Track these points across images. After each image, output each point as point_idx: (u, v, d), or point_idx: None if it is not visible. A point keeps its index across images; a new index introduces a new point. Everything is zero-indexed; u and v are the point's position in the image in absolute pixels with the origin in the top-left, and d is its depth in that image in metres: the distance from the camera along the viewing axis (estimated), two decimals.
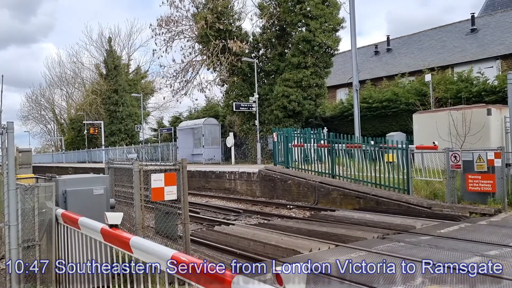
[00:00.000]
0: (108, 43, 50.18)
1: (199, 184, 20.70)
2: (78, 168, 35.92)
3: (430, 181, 12.50)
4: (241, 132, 26.43)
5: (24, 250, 4.64)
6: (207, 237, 9.16)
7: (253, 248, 7.91)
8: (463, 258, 6.38)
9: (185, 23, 27.06)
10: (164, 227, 5.90)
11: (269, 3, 25.49)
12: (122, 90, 48.20)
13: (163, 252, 2.72)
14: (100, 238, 3.70)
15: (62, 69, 60.03)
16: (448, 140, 14.28)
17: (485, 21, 28.48)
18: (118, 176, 6.44)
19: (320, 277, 5.72)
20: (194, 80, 28.95)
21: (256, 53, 26.72)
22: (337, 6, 23.62)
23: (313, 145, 16.09)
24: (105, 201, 5.35)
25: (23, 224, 4.61)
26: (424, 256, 6.52)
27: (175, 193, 5.56)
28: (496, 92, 18.95)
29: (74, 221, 4.25)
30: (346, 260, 6.58)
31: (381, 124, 23.20)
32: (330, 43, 23.19)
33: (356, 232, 8.82)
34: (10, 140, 4.33)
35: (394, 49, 33.18)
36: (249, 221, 11.75)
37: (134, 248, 3.11)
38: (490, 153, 10.56)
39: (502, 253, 6.59)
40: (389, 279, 5.56)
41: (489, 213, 9.98)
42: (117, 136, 47.58)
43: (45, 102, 65.67)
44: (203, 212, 13.68)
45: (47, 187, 4.85)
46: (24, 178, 7.22)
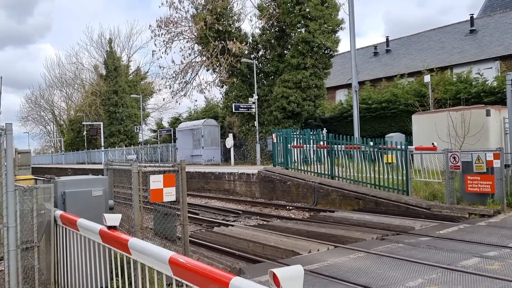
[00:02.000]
0: (108, 44, 50.22)
1: (198, 185, 20.70)
2: (77, 169, 35.90)
3: (429, 182, 12.50)
4: (241, 133, 26.44)
5: (23, 252, 4.63)
6: (206, 238, 9.16)
7: (252, 249, 7.91)
8: (462, 259, 6.39)
9: (184, 24, 27.08)
10: (163, 229, 5.90)
11: (269, 4, 25.51)
12: (122, 91, 48.23)
13: (161, 253, 2.72)
14: (98, 239, 3.70)
15: (62, 70, 60.10)
16: (447, 141, 14.29)
17: (484, 22, 28.51)
18: (117, 177, 6.45)
19: (319, 278, 5.72)
20: (193, 81, 28.99)
21: (255, 54, 26.74)
22: (336, 7, 23.65)
23: (312, 146, 16.09)
24: (104, 203, 5.35)
25: (22, 225, 4.60)
26: (423, 257, 6.52)
27: (174, 195, 5.56)
28: (495, 93, 18.96)
29: (73, 222, 4.24)
30: (345, 261, 6.58)
31: (380, 125, 23.21)
32: (329, 44, 23.22)
33: (355, 233, 8.82)
34: (9, 141, 4.33)
35: (393, 50, 33.21)
36: (249, 222, 11.75)
37: (132, 249, 3.11)
38: (489, 154, 10.57)
39: (501, 254, 6.60)
40: (388, 280, 5.56)
41: (488, 214, 9.99)
42: (116, 137, 47.59)
43: (44, 103, 65.73)
44: (202, 213, 13.68)
45: (45, 189, 4.84)
46: (23, 180, 7.22)
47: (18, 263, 4.46)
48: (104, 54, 51.06)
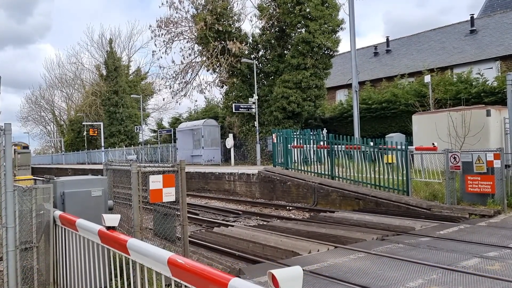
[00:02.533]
0: (109, 44, 50.20)
1: (198, 186, 20.69)
2: (77, 170, 35.90)
3: (430, 182, 12.49)
4: (241, 133, 26.42)
5: (22, 252, 4.62)
6: (206, 238, 9.15)
7: (252, 249, 7.90)
8: (462, 259, 6.37)
9: (184, 24, 27.07)
10: (163, 229, 5.89)
11: (269, 4, 25.49)
12: (122, 91, 48.20)
13: (160, 254, 2.71)
14: (97, 240, 3.68)
15: (62, 70, 60.10)
16: (447, 141, 14.28)
17: (485, 22, 28.49)
18: (117, 178, 6.43)
19: (319, 279, 5.70)
20: (193, 81, 28.97)
21: (255, 54, 26.72)
22: (337, 8, 23.63)
23: (313, 146, 16.08)
24: (103, 203, 5.33)
25: (21, 226, 4.59)
26: (423, 258, 6.51)
27: (173, 195, 5.55)
28: (496, 93, 18.94)
29: (72, 223, 4.23)
30: (345, 261, 6.57)
31: (381, 125, 23.19)
32: (330, 44, 23.20)
33: (356, 233, 8.81)
34: (8, 141, 4.32)
35: (393, 50, 33.19)
36: (249, 222, 11.73)
37: (131, 250, 3.10)
38: (489, 154, 10.55)
39: (502, 255, 6.58)
40: (388, 280, 5.55)
41: (488, 214, 9.97)
42: (116, 138, 47.57)
43: (44, 104, 65.76)
44: (202, 213, 13.66)
45: (45, 189, 4.83)
46: (23, 180, 7.21)
47: (17, 263, 4.45)
48: (104, 54, 51.06)
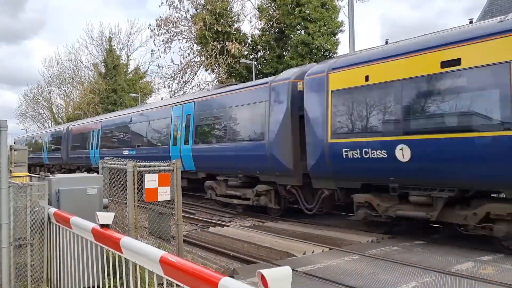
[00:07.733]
0: (108, 42, 50.12)
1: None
2: None
3: None
4: None
5: (16, 249, 4.62)
6: (201, 238, 9.15)
7: (247, 250, 7.91)
8: (456, 263, 6.40)
9: (184, 24, 27.13)
10: (158, 228, 5.89)
11: (269, 6, 25.53)
12: (121, 90, 48.10)
13: (152, 253, 2.72)
14: (91, 237, 3.69)
15: (61, 67, 59.95)
16: None
17: None
18: (112, 176, 6.43)
19: (313, 280, 5.71)
20: (192, 81, 29.05)
21: (254, 55, 26.76)
22: (336, 10, 23.70)
23: None
24: (98, 201, 5.33)
25: (15, 222, 4.59)
26: (417, 261, 6.53)
27: (169, 194, 5.56)
28: None
29: (66, 220, 4.24)
30: (339, 263, 6.59)
31: None
32: (329, 46, 23.25)
33: (351, 235, 8.82)
34: (3, 138, 4.32)
35: None
36: (244, 223, 11.73)
37: (124, 248, 3.10)
38: None
39: (495, 259, 6.61)
40: (381, 283, 5.57)
41: None
42: None
43: (42, 101, 65.56)
44: (198, 213, 13.66)
45: (40, 186, 4.83)
46: (18, 177, 7.21)
47: (10, 260, 4.45)
48: (103, 53, 50.97)
